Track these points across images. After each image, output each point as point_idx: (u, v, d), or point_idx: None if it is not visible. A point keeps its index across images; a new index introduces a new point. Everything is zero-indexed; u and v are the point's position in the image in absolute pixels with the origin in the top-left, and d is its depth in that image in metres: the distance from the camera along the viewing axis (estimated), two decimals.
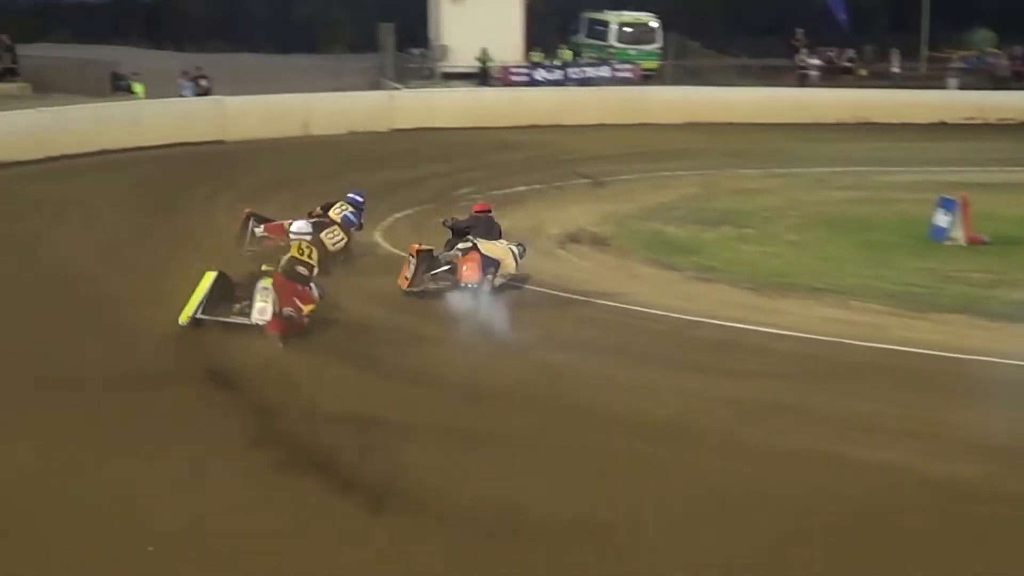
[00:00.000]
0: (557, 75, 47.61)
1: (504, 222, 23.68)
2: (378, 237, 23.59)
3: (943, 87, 49.27)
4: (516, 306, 18.55)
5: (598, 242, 23.52)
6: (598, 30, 52.02)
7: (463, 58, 47.74)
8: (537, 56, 48.97)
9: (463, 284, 18.84)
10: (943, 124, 45.12)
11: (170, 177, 29.14)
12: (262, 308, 16.37)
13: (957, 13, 56.65)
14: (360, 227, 22.26)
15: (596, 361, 15.84)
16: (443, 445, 12.70)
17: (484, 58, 47.27)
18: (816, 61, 51.46)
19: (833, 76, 51.10)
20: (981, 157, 36.22)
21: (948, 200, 23.98)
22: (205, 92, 41.07)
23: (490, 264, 19.18)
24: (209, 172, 27.13)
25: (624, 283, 20.31)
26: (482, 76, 47.30)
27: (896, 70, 50.53)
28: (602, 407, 13.93)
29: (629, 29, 51.52)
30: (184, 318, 16.30)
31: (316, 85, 41.14)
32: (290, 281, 16.79)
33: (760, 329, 17.41)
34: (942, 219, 23.83)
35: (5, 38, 43.22)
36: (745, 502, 11.33)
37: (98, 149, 33.86)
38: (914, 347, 16.58)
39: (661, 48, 51.32)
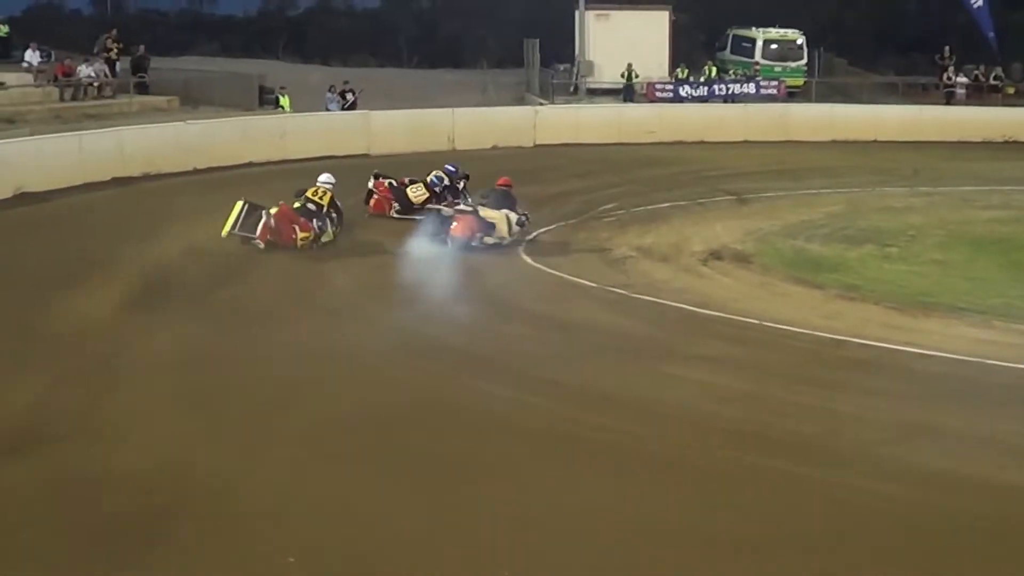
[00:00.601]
0: (702, 91, 47.62)
1: (648, 238, 24.10)
2: (522, 253, 23.86)
3: None
4: (656, 322, 18.81)
5: (741, 259, 23.56)
6: (744, 46, 51.95)
7: (608, 74, 47.98)
8: (682, 72, 49.04)
9: (451, 237, 23.80)
10: None
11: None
12: (262, 223, 23.12)
13: None
14: (457, 195, 27.48)
15: (736, 378, 15.91)
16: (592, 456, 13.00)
17: (629, 74, 47.45)
18: (963, 79, 50.86)
19: (980, 94, 50.49)
20: None
21: None
22: (351, 106, 41.78)
23: (486, 226, 24.12)
24: (354, 182, 27.57)
25: (766, 301, 20.34)
26: (627, 92, 47.48)
27: None
28: (742, 425, 14.04)
29: (775, 46, 51.36)
30: (225, 232, 23.19)
31: (462, 100, 41.61)
32: (293, 211, 23.66)
33: (903, 348, 17.37)
34: None
35: (141, 50, 44.20)
36: (884, 523, 11.38)
37: (245, 162, 34.67)
38: None
39: (806, 65, 51.14)
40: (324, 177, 24.79)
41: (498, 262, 22.98)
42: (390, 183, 28.02)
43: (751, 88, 48.11)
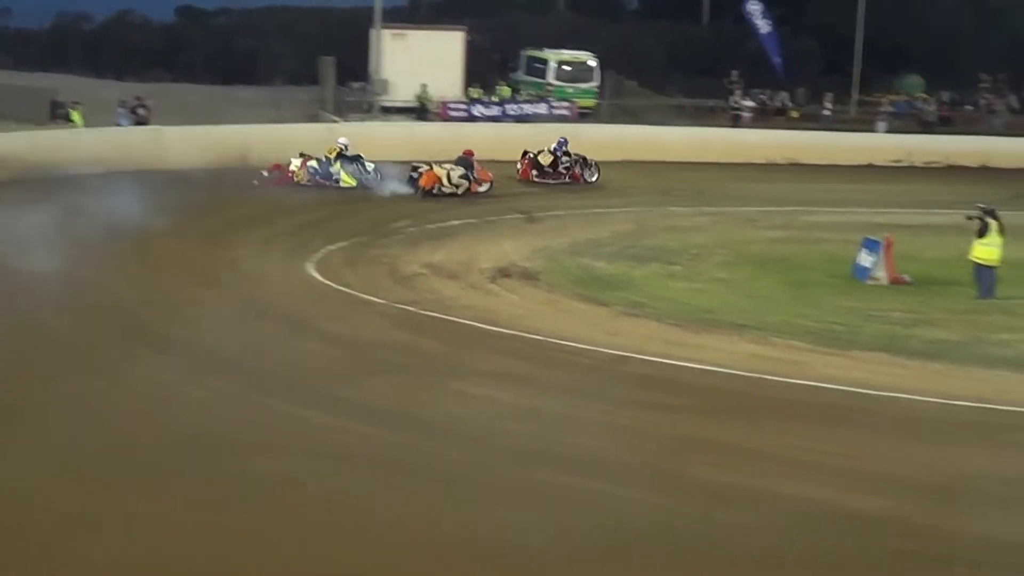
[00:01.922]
0: (495, 111, 47.94)
1: (437, 255, 24.34)
2: (311, 269, 23.80)
3: (872, 130, 50.03)
4: (443, 339, 18.97)
5: (528, 276, 23.80)
6: (537, 68, 52.46)
7: (402, 92, 48.02)
8: (476, 92, 49.32)
9: (421, 187, 33.55)
10: (871, 166, 45.71)
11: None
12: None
13: (888, 58, 57.58)
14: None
15: (521, 394, 16.16)
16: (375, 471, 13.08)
17: (423, 93, 47.60)
18: (749, 103, 52.10)
19: (766, 117, 51.76)
20: (907, 199, 36.82)
21: (872, 241, 24.52)
22: (143, 121, 41.14)
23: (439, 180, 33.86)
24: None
25: (552, 317, 20.63)
26: (421, 111, 47.60)
27: (827, 112, 51.19)
28: (527, 440, 14.25)
29: (567, 67, 51.99)
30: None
31: (256, 116, 41.24)
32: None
33: (684, 364, 17.78)
34: (866, 259, 24.37)
35: None
36: (665, 536, 11.70)
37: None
38: (833, 383, 17.03)
39: (598, 87, 51.83)
40: (341, 139, 35.73)
41: (288, 280, 22.92)
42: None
43: (543, 108, 48.59)
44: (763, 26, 54.81)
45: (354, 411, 15.18)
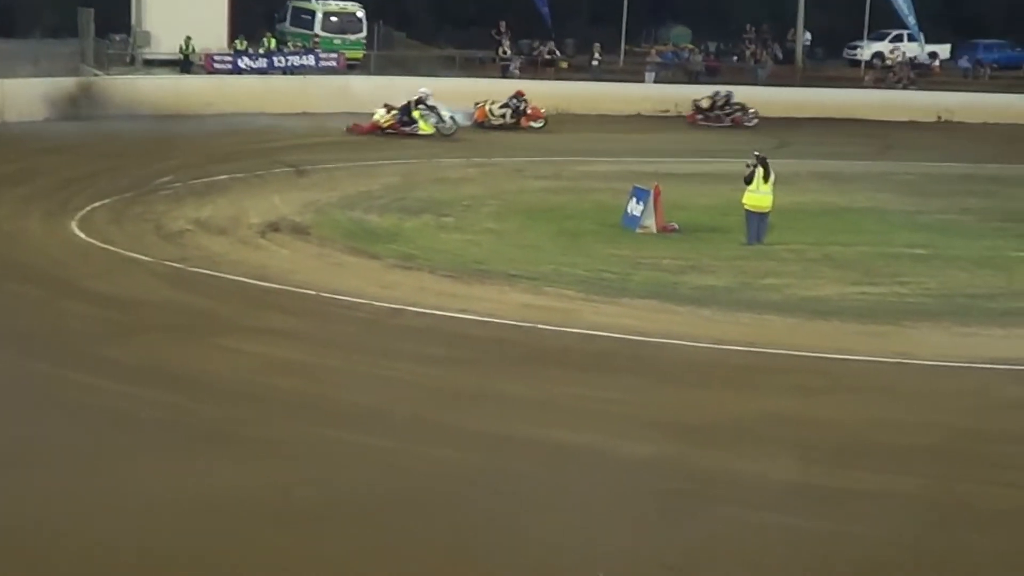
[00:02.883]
0: (261, 63, 47.17)
1: (205, 211, 23.99)
2: (74, 228, 23.10)
3: (640, 80, 50.62)
4: (213, 296, 18.63)
5: (299, 231, 23.49)
6: (304, 19, 51.72)
7: (165, 45, 46.95)
8: (241, 44, 48.45)
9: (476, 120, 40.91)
10: (640, 116, 46.33)
11: None
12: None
13: (655, 9, 58.22)
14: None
15: (294, 350, 15.97)
16: None
17: (186, 46, 46.61)
18: (519, 53, 52.21)
19: (535, 68, 51.92)
20: (675, 148, 37.42)
21: (641, 190, 24.80)
22: None
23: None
24: None
25: (324, 272, 20.43)
26: (185, 64, 46.61)
27: (596, 63, 51.57)
28: (301, 397, 14.09)
29: (334, 18, 51.34)
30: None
31: (13, 70, 39.88)
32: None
33: (458, 316, 17.79)
34: (635, 208, 24.61)
35: None
36: (446, 486, 11.66)
37: None
38: (605, 331, 17.23)
39: (366, 38, 51.40)
40: (423, 89, 38.88)
41: (50, 239, 22.21)
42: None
43: (311, 60, 47.97)
44: None
45: (118, 372, 14.80)
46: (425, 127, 37.97)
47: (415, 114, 38.00)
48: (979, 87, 54.33)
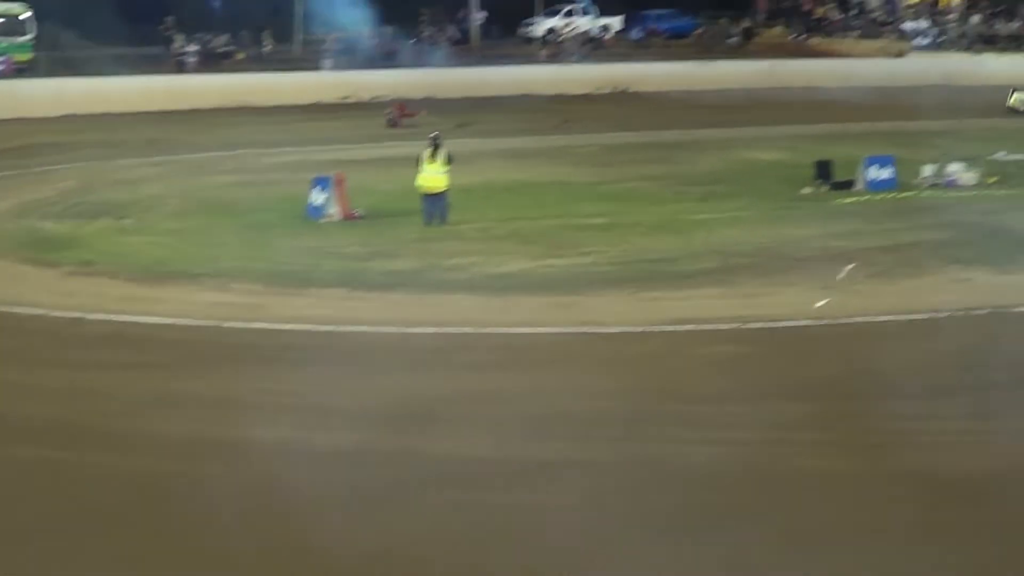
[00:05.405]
0: None
1: None
2: None
3: (318, 68, 50.47)
4: None
5: None
6: None
7: None
8: None
9: None
10: (319, 104, 46.20)
11: None
12: None
13: None
14: None
15: None
16: None
17: None
18: (193, 48, 51.45)
19: (213, 62, 51.27)
20: (357, 134, 37.51)
21: (323, 179, 24.71)
22: None
23: None
24: None
25: None
26: None
27: (267, 50, 51.25)
28: None
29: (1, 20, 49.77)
30: None
31: None
32: None
33: (142, 320, 17.35)
34: (318, 197, 24.46)
35: None
36: (138, 496, 11.29)
37: None
38: (294, 323, 17.04)
39: (34, 39, 49.90)
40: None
41: None
42: None
43: None
44: None
45: None
46: None
47: None
48: (652, 56, 55.94)
